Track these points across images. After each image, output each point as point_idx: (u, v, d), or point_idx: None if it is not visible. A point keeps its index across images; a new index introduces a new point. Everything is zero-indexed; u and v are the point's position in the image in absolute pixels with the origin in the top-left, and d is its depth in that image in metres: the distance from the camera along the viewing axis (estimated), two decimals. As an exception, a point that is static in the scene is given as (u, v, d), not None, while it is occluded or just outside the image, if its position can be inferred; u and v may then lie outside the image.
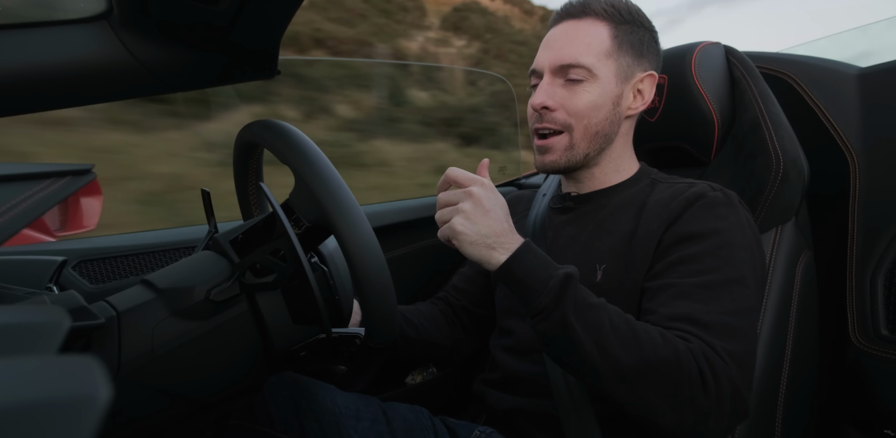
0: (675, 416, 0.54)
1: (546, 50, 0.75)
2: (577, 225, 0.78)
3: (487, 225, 0.58)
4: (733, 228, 0.64)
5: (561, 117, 0.73)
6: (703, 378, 0.53)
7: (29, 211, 0.36)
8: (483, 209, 0.59)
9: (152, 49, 0.47)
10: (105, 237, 1.04)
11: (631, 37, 0.73)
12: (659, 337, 0.55)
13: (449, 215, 0.60)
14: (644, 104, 0.76)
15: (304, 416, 0.66)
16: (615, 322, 0.55)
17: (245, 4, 0.41)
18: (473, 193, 0.59)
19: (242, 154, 0.63)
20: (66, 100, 0.50)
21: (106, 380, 0.17)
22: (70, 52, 0.45)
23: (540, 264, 0.58)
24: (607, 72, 0.72)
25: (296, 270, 0.49)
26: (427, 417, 0.78)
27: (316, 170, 0.48)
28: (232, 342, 0.49)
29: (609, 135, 0.75)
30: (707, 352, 0.55)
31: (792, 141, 0.79)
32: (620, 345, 0.53)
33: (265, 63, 0.53)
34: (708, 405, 0.53)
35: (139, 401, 0.45)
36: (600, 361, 0.53)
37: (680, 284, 0.61)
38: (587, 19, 0.73)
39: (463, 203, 0.59)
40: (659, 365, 0.53)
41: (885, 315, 0.82)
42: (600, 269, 0.70)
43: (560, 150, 0.74)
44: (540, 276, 0.56)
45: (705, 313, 0.58)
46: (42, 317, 0.21)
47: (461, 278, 0.96)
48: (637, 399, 0.54)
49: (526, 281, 0.57)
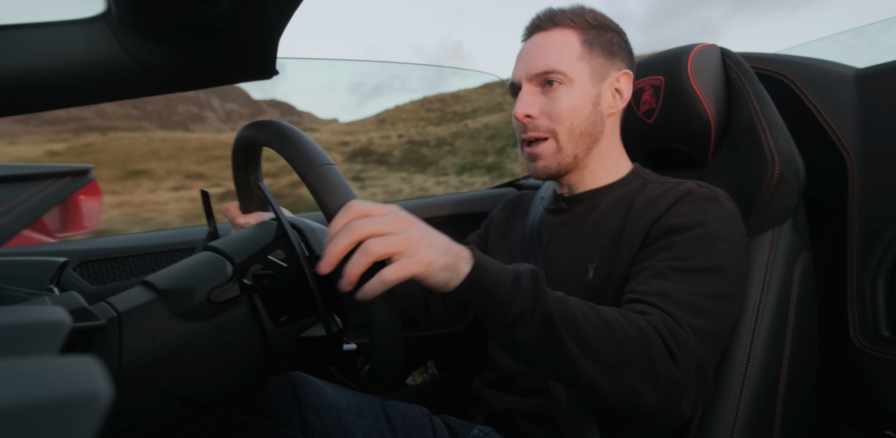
0: (655, 395, 0.52)
1: (521, 62, 0.77)
2: (570, 226, 0.79)
3: (443, 240, 0.47)
4: (716, 221, 0.66)
5: (544, 124, 0.75)
6: (671, 352, 0.53)
7: (29, 212, 0.36)
8: (423, 226, 0.47)
9: (150, 49, 0.47)
10: (106, 238, 1.05)
11: (600, 39, 0.76)
12: (622, 318, 0.54)
13: (393, 246, 0.43)
14: (624, 101, 0.79)
15: (307, 412, 0.67)
16: (583, 309, 0.53)
17: (243, 5, 0.41)
18: (409, 217, 0.46)
19: (241, 154, 0.63)
20: (65, 100, 0.50)
21: (107, 381, 0.17)
22: (68, 53, 0.45)
23: (498, 265, 0.50)
24: (581, 74, 0.74)
25: (297, 271, 0.49)
26: (426, 415, 0.79)
27: (317, 169, 0.48)
28: (233, 343, 0.49)
29: (594, 135, 0.77)
30: (669, 324, 0.55)
31: (788, 142, 0.79)
32: (595, 334, 0.51)
33: (264, 63, 0.53)
34: (681, 377, 0.53)
35: (140, 402, 0.45)
36: (583, 355, 0.50)
37: (656, 266, 0.63)
38: (555, 30, 0.76)
39: (410, 231, 0.44)
40: (631, 346, 0.52)
41: (885, 316, 0.82)
42: (591, 267, 0.72)
43: (549, 155, 0.77)
44: (506, 279, 0.49)
45: (675, 291, 0.59)
46: (43, 318, 0.21)
47: None
48: (621, 388, 0.52)
49: (496, 289, 0.48)
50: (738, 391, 0.69)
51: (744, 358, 0.71)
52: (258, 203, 0.72)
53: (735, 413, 0.68)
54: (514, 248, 0.86)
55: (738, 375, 0.70)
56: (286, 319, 0.51)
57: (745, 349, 0.71)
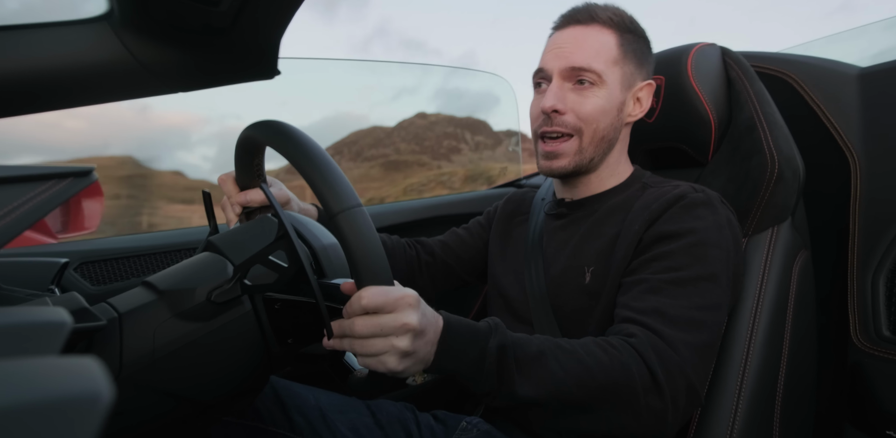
0: (636, 424, 0.55)
1: (554, 52, 0.75)
2: (569, 231, 0.79)
3: (426, 345, 0.49)
4: (710, 227, 0.66)
5: (571, 120, 0.74)
6: (656, 380, 0.54)
7: (31, 213, 0.36)
8: (421, 334, 0.48)
9: (153, 50, 0.47)
10: (107, 239, 1.05)
11: (634, 46, 0.75)
12: (602, 355, 0.55)
13: (373, 351, 0.47)
14: (642, 112, 0.79)
15: (291, 411, 0.69)
16: (561, 360, 0.54)
17: (245, 5, 0.41)
18: (411, 325, 0.47)
19: (244, 154, 0.63)
20: (67, 100, 0.50)
21: (108, 381, 0.17)
22: (70, 53, 0.45)
23: (466, 340, 0.52)
24: (614, 78, 0.74)
25: (297, 271, 0.49)
26: (411, 410, 0.80)
27: (318, 168, 0.48)
28: (233, 343, 0.49)
29: (612, 141, 0.77)
30: (658, 348, 0.56)
31: (787, 141, 0.79)
32: (576, 384, 0.53)
33: (265, 64, 0.53)
34: (663, 406, 0.54)
35: (140, 402, 0.45)
36: (563, 407, 0.54)
37: (651, 279, 0.63)
38: (594, 26, 0.74)
39: (398, 339, 0.46)
40: (613, 385, 0.54)
41: (886, 315, 0.82)
42: (588, 271, 0.72)
43: (570, 155, 0.75)
44: (472, 358, 0.51)
45: (672, 307, 0.60)
46: (44, 319, 0.21)
47: (454, 237, 0.96)
48: (601, 422, 0.55)
49: (461, 373, 0.52)
50: (737, 390, 0.69)
51: (742, 357, 0.70)
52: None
53: (734, 413, 0.67)
54: (517, 252, 0.86)
55: (737, 375, 0.70)
56: (292, 342, 0.52)
57: (743, 348, 0.71)
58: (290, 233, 0.48)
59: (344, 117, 2.91)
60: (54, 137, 1.42)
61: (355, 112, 2.96)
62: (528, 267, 0.80)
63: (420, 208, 1.31)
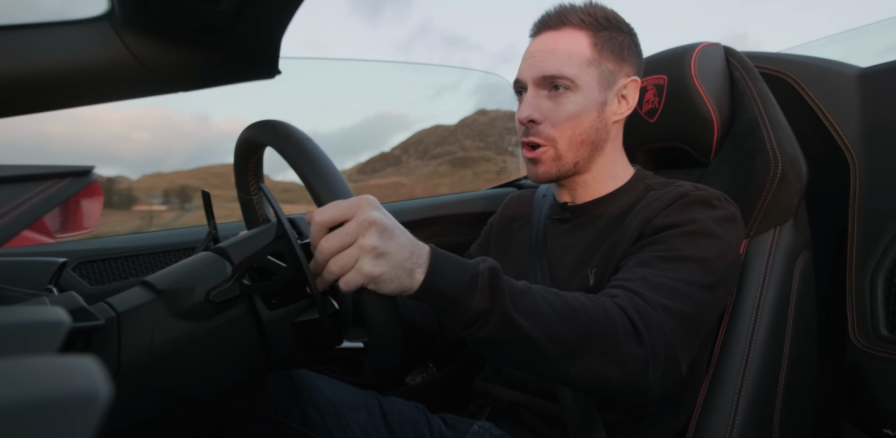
0: (620, 374, 0.52)
1: (528, 61, 0.76)
2: (574, 236, 0.79)
3: (400, 247, 0.46)
4: (708, 220, 0.66)
5: (545, 130, 0.74)
6: (636, 329, 0.53)
7: (29, 212, 0.36)
8: (389, 232, 0.46)
9: (154, 49, 0.47)
10: (105, 238, 1.05)
11: (611, 43, 0.74)
12: (587, 301, 0.54)
13: (347, 262, 0.45)
14: (629, 109, 0.78)
15: (306, 405, 0.68)
16: (547, 298, 0.52)
17: (246, 4, 0.41)
18: (371, 219, 0.45)
19: (243, 154, 0.63)
20: (68, 100, 0.50)
21: (106, 380, 0.17)
22: (71, 53, 0.45)
23: (457, 267, 0.49)
24: (589, 80, 0.73)
25: (296, 272, 0.48)
26: (422, 412, 0.79)
27: (316, 168, 0.48)
28: (232, 342, 0.49)
29: (596, 142, 0.76)
30: (638, 305, 0.56)
31: (791, 141, 0.79)
32: (560, 320, 0.51)
33: (266, 63, 0.53)
34: (644, 355, 0.53)
35: (139, 401, 0.45)
36: (548, 344, 0.50)
37: (642, 255, 0.64)
38: (565, 30, 0.74)
39: (363, 238, 0.44)
40: (596, 327, 0.52)
41: (884, 315, 0.82)
42: (591, 273, 0.72)
43: (549, 162, 0.76)
44: (463, 282, 0.48)
45: (656, 276, 0.60)
46: (42, 318, 0.21)
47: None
48: (587, 370, 0.52)
49: (452, 293, 0.48)
50: (737, 390, 0.69)
51: (742, 356, 0.70)
52: (259, 203, 0.72)
53: (734, 412, 0.67)
54: (519, 255, 0.85)
55: (737, 374, 0.70)
56: (277, 301, 0.50)
57: (743, 348, 0.71)
58: (290, 233, 0.48)
59: (398, 118, 2.98)
60: (122, 148, 1.43)
61: (412, 112, 3.09)
62: (533, 269, 0.80)
63: (420, 208, 1.31)
